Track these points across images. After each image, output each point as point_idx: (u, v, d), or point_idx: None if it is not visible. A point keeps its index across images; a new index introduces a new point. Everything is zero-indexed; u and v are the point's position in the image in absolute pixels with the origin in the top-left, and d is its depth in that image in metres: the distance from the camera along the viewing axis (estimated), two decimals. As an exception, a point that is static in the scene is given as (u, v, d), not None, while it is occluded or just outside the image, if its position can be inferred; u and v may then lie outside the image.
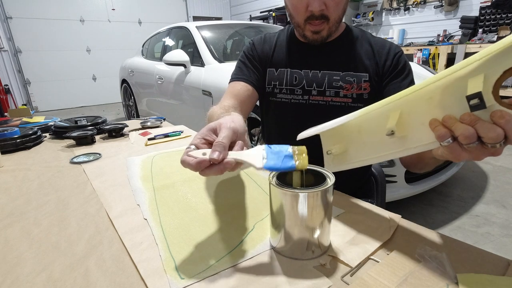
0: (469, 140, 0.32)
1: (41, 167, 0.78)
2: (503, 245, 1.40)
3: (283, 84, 0.77)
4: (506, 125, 0.31)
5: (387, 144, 0.42)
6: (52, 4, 5.35)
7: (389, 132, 0.40)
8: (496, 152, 0.33)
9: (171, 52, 2.34)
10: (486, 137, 0.31)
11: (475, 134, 0.32)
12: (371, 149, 0.45)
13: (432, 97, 0.36)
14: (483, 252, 0.40)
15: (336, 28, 0.71)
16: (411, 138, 0.39)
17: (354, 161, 0.48)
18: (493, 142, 0.31)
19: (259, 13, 6.20)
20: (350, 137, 0.48)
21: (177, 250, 0.42)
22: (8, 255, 0.43)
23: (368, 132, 0.45)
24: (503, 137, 0.31)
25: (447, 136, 0.34)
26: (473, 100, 0.32)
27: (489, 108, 0.31)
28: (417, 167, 0.61)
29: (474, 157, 0.34)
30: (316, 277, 0.36)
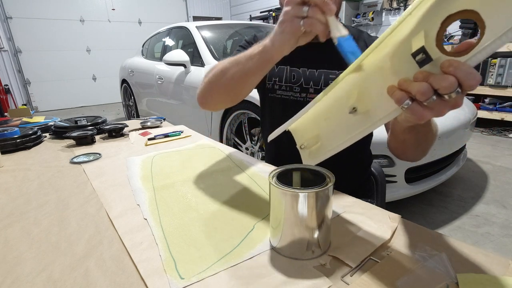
0: (426, 95, 0.33)
1: (41, 167, 0.78)
2: (503, 245, 1.40)
3: (283, 81, 0.78)
4: (456, 71, 0.31)
5: (354, 123, 0.43)
6: (52, 4, 5.35)
7: (351, 109, 0.41)
8: (456, 103, 0.34)
9: (171, 52, 2.34)
10: (441, 87, 0.32)
11: (430, 88, 0.33)
12: (342, 133, 0.45)
13: (382, 67, 0.37)
14: (483, 252, 0.40)
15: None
16: (374, 111, 0.40)
17: (328, 149, 0.48)
18: (448, 91, 0.32)
19: (259, 13, 6.20)
20: (319, 127, 0.48)
21: (177, 250, 0.42)
22: (8, 255, 0.43)
23: (335, 117, 0.46)
24: (457, 84, 0.31)
25: (405, 98, 0.35)
26: (418, 56, 0.33)
27: (437, 61, 0.33)
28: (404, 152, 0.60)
29: (436, 113, 0.35)
30: (316, 277, 0.36)
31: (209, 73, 0.67)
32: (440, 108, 0.34)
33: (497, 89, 3.13)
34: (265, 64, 0.55)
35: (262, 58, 0.54)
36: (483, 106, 3.26)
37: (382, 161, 1.45)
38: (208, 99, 0.69)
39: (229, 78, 0.61)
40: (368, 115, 0.41)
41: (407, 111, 0.35)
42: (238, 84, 0.61)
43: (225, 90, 0.64)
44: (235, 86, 0.62)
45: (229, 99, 0.67)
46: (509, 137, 2.89)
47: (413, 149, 0.58)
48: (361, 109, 0.41)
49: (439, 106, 0.34)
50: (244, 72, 0.58)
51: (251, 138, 1.91)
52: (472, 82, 0.31)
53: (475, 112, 1.89)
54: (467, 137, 1.81)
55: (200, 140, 0.97)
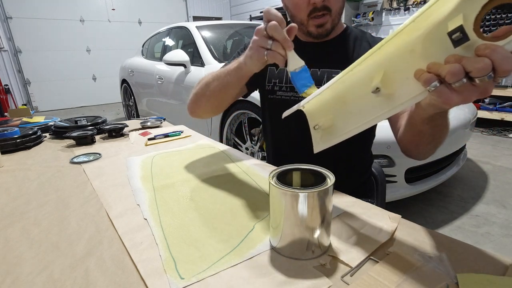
0: (456, 76, 0.32)
1: (41, 167, 0.78)
2: (503, 245, 1.40)
3: (283, 82, 0.78)
4: (492, 54, 0.30)
5: (374, 106, 0.42)
6: (52, 4, 5.35)
7: (374, 89, 0.40)
8: (485, 90, 0.33)
9: (171, 52, 2.34)
10: (474, 69, 0.31)
11: (462, 69, 0.31)
12: (359, 116, 0.44)
13: (413, 49, 0.36)
14: (483, 252, 0.40)
15: (338, 20, 0.72)
16: (398, 95, 0.39)
17: (342, 133, 0.47)
18: (481, 74, 0.31)
19: (259, 13, 6.20)
20: (336, 110, 0.47)
21: (177, 250, 0.42)
22: (8, 255, 0.43)
23: (354, 100, 0.44)
24: (491, 67, 0.30)
25: (433, 79, 0.34)
26: (455, 34, 0.32)
27: (472, 46, 0.31)
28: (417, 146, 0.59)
29: (464, 98, 0.34)
30: (316, 277, 0.36)
31: (196, 86, 0.77)
32: (469, 94, 0.33)
33: (497, 89, 3.13)
34: (240, 79, 0.65)
35: (237, 74, 0.64)
36: (483, 106, 3.26)
37: (382, 161, 1.45)
38: (196, 109, 0.79)
39: (212, 91, 0.71)
40: (390, 98, 0.40)
41: (433, 93, 0.34)
42: (219, 96, 0.72)
43: (209, 101, 0.74)
44: (217, 98, 0.73)
45: (213, 109, 0.78)
46: (509, 137, 2.89)
47: (427, 143, 0.57)
48: (385, 90, 0.39)
49: (468, 91, 0.33)
50: (223, 85, 0.69)
51: (251, 138, 1.91)
52: (508, 67, 0.30)
53: (475, 112, 1.89)
54: (467, 137, 1.81)
55: (200, 140, 0.97)
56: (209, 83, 0.72)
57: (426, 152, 0.60)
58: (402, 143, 0.64)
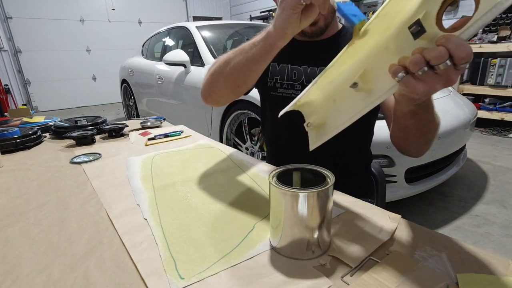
0: (417, 65, 0.34)
1: (41, 167, 0.78)
2: (503, 245, 1.40)
3: (284, 79, 0.79)
4: (446, 43, 0.32)
5: (357, 102, 0.44)
6: (52, 4, 5.35)
7: (352, 84, 0.43)
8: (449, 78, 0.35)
9: (171, 52, 2.34)
10: (431, 57, 0.33)
11: (423, 59, 0.34)
12: (346, 112, 0.47)
13: (388, 47, 0.39)
14: (483, 252, 0.40)
15: (331, 18, 0.74)
16: (376, 90, 0.42)
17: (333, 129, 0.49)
18: (438, 61, 0.33)
19: (259, 13, 6.20)
20: (328, 109, 0.50)
21: (177, 250, 0.42)
22: (8, 255, 0.43)
23: (341, 98, 0.47)
24: (447, 54, 0.32)
25: (400, 70, 0.36)
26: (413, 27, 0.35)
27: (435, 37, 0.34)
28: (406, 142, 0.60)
29: (429, 87, 0.36)
30: (316, 277, 0.36)
31: (212, 66, 0.67)
32: (433, 82, 0.35)
33: (497, 89, 3.13)
34: (269, 50, 0.55)
35: (266, 44, 0.54)
36: (483, 106, 3.26)
37: (382, 161, 1.45)
38: (212, 92, 0.68)
39: (233, 67, 0.60)
40: (370, 93, 0.42)
41: (401, 83, 0.37)
42: (242, 73, 0.61)
43: (230, 79, 0.63)
44: (240, 75, 0.61)
45: (233, 90, 0.65)
46: (509, 137, 2.89)
47: (415, 139, 0.57)
48: (364, 86, 0.42)
49: (431, 79, 0.35)
50: (248, 59, 0.58)
51: (251, 138, 1.91)
52: (462, 54, 0.32)
53: (475, 112, 1.89)
54: (467, 137, 1.81)
55: (200, 140, 0.97)
56: (230, 59, 0.61)
57: (417, 148, 0.61)
58: (393, 140, 0.65)
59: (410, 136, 0.57)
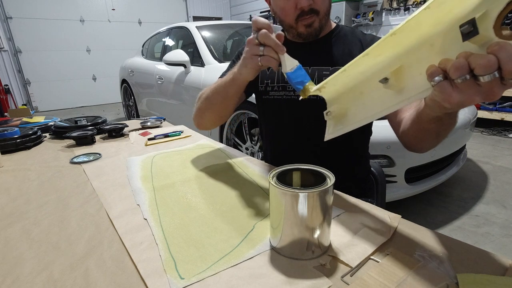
0: (459, 71, 0.30)
1: (41, 167, 0.78)
2: (503, 245, 1.40)
3: (275, 82, 0.79)
4: (499, 52, 0.28)
5: (384, 98, 0.42)
6: (52, 4, 5.35)
7: (382, 79, 0.40)
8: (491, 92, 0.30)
9: (171, 52, 2.34)
10: (477, 65, 0.29)
11: (467, 65, 0.30)
12: (371, 107, 0.44)
13: (433, 44, 0.35)
14: (483, 252, 0.40)
15: (326, 20, 0.74)
16: (406, 89, 0.39)
17: (353, 122, 0.47)
18: (484, 71, 0.29)
19: (259, 13, 6.20)
20: (353, 99, 0.48)
21: (177, 250, 0.42)
22: (8, 255, 0.43)
23: (370, 91, 0.44)
24: (496, 65, 0.28)
25: (437, 72, 0.32)
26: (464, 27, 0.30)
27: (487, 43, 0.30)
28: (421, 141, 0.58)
29: (466, 98, 0.32)
30: (316, 277, 0.36)
31: (198, 101, 0.81)
32: (471, 93, 0.31)
33: (497, 89, 3.12)
34: (237, 89, 0.68)
35: (234, 85, 0.67)
36: (483, 106, 3.26)
37: (382, 161, 1.45)
38: (202, 122, 0.83)
39: (213, 104, 0.75)
40: (400, 91, 0.39)
41: (436, 88, 0.33)
42: (221, 107, 0.76)
43: (213, 113, 0.78)
44: (219, 109, 0.76)
45: (218, 119, 0.80)
46: (509, 137, 2.89)
47: (431, 140, 0.56)
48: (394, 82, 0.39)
49: (470, 90, 0.31)
50: (223, 97, 0.72)
51: (251, 138, 1.91)
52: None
53: (475, 112, 1.89)
54: (467, 137, 1.81)
55: (200, 140, 0.97)
56: (209, 97, 0.75)
57: (429, 147, 0.60)
58: (405, 137, 0.63)
59: (427, 137, 0.56)
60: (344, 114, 0.49)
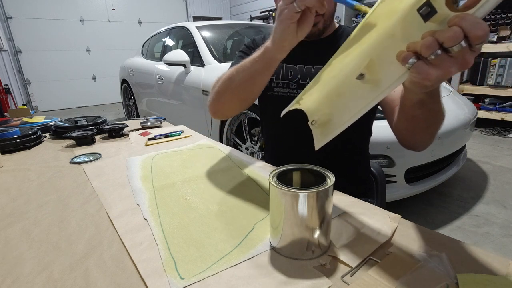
0: (430, 48, 0.32)
1: (41, 167, 0.78)
2: (503, 245, 1.40)
3: (279, 78, 0.79)
4: (461, 22, 0.30)
5: (364, 94, 0.43)
6: (52, 4, 5.35)
7: (358, 76, 0.41)
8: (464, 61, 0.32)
9: (171, 52, 2.34)
10: (445, 38, 0.31)
11: (435, 41, 0.32)
12: (352, 106, 0.45)
13: (393, 34, 0.37)
14: (483, 252, 0.40)
15: (330, 21, 0.74)
16: (384, 80, 0.40)
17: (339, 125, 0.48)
18: (453, 42, 0.31)
19: (259, 13, 6.20)
20: (332, 104, 0.48)
21: (177, 250, 0.42)
22: (8, 255, 0.43)
23: (347, 92, 0.45)
24: (462, 34, 0.30)
25: (410, 55, 0.34)
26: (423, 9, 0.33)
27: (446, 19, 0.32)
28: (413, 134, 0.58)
29: (443, 72, 0.34)
30: (316, 277, 0.36)
31: (216, 84, 0.70)
32: (447, 66, 0.33)
33: (497, 89, 3.13)
34: (269, 64, 0.58)
35: (265, 58, 0.57)
36: (483, 106, 3.26)
37: (382, 161, 1.45)
38: (220, 108, 0.73)
39: (238, 84, 0.65)
40: (378, 83, 0.41)
41: (412, 70, 0.35)
42: (247, 88, 0.65)
43: (235, 95, 0.67)
44: (245, 90, 0.66)
45: (240, 104, 0.70)
46: (509, 137, 2.89)
47: (422, 131, 0.56)
48: (370, 76, 0.41)
49: (446, 63, 0.33)
50: (251, 75, 0.61)
51: (251, 138, 1.91)
52: (479, 32, 0.30)
53: (475, 112, 1.89)
54: (467, 137, 1.81)
55: (200, 140, 0.97)
56: (232, 77, 0.66)
57: (423, 141, 0.60)
58: (398, 132, 0.63)
59: (417, 128, 0.56)
60: (329, 119, 0.49)
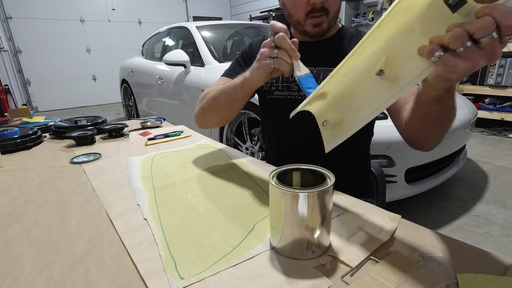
0: (460, 40, 0.31)
1: (41, 167, 0.78)
2: (503, 245, 1.40)
3: (279, 81, 0.79)
4: (492, 12, 0.29)
5: (381, 92, 0.41)
6: (52, 4, 5.35)
7: (378, 71, 0.40)
8: (493, 52, 0.32)
9: (171, 52, 2.34)
10: (476, 29, 0.30)
11: (465, 32, 0.31)
12: (368, 105, 0.44)
13: (413, 29, 0.36)
14: (483, 252, 0.40)
15: (334, 22, 0.74)
16: (403, 75, 0.39)
17: (352, 126, 0.46)
18: (485, 33, 0.30)
19: (259, 13, 6.19)
20: (343, 104, 0.47)
21: (177, 250, 0.42)
22: (8, 255, 0.43)
23: (361, 91, 0.44)
24: (494, 25, 0.29)
25: (436, 48, 0.33)
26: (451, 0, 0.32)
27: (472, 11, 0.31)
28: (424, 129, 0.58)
29: (472, 64, 0.33)
30: (316, 277, 0.36)
31: (202, 100, 0.78)
32: (476, 58, 0.32)
33: (497, 89, 3.13)
34: (246, 93, 0.67)
35: (244, 89, 0.66)
36: (483, 106, 3.26)
37: (382, 161, 1.45)
38: (204, 121, 0.81)
39: (220, 105, 0.74)
40: (396, 80, 0.39)
41: (439, 63, 0.34)
42: (227, 109, 0.75)
43: (218, 114, 0.77)
44: (226, 110, 0.75)
45: (222, 120, 0.80)
46: (509, 137, 2.89)
47: (435, 128, 0.56)
48: (389, 72, 0.39)
49: (475, 55, 0.32)
50: (231, 99, 0.71)
51: (251, 138, 1.91)
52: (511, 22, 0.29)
53: (475, 112, 1.88)
54: (467, 137, 1.81)
55: (200, 140, 0.97)
56: (216, 97, 0.73)
57: (434, 139, 0.59)
58: (408, 131, 0.63)
59: (430, 125, 0.55)
60: (341, 119, 0.48)
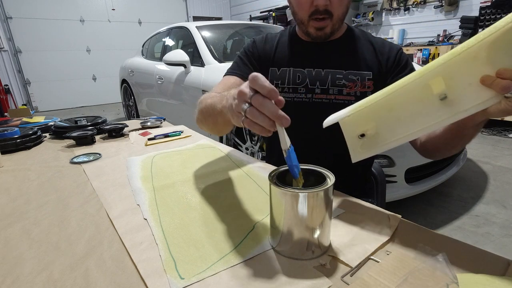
0: None
1: (41, 167, 0.78)
2: (503, 245, 1.40)
3: (286, 83, 0.77)
4: None
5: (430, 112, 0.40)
6: (52, 4, 5.35)
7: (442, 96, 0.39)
8: None
9: (171, 52, 2.34)
10: None
11: None
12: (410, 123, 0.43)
13: (476, 56, 0.36)
14: (483, 252, 0.40)
15: (339, 26, 0.72)
16: (459, 101, 0.38)
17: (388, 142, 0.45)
18: None
19: (259, 13, 6.19)
20: (379, 118, 0.45)
21: (177, 250, 0.42)
22: (8, 255, 0.43)
23: (403, 107, 0.43)
24: None
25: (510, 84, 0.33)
26: None
27: None
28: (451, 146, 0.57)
29: None
30: (316, 277, 0.36)
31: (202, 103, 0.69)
32: None
33: (497, 89, 3.12)
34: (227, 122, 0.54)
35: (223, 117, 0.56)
36: (483, 106, 3.26)
37: (382, 161, 1.45)
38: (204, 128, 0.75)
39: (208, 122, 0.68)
40: (452, 105, 0.39)
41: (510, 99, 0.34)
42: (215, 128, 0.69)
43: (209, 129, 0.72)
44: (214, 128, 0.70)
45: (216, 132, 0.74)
46: (509, 137, 2.89)
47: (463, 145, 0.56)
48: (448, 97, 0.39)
49: None
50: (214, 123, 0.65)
51: (251, 138, 1.91)
52: None
53: (475, 112, 1.88)
54: (467, 137, 1.81)
55: (200, 140, 0.97)
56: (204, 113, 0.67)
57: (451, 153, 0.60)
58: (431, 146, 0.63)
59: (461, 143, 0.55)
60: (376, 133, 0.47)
